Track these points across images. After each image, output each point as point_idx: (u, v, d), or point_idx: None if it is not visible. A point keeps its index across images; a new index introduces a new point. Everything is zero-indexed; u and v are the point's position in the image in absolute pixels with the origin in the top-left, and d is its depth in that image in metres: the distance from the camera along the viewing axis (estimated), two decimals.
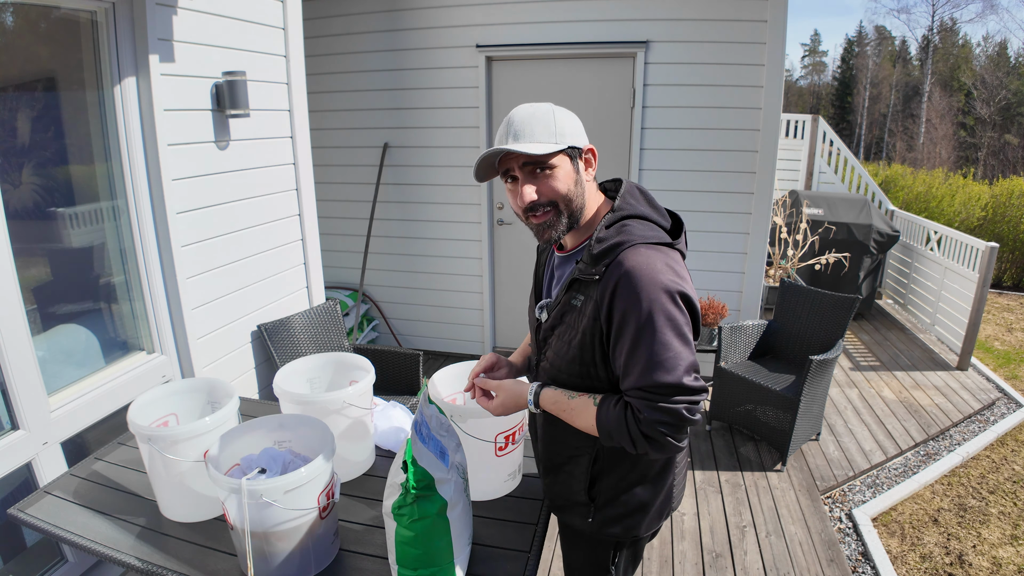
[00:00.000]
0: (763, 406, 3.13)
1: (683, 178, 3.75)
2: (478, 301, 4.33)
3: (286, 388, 1.58)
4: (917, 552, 2.64)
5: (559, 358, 1.21)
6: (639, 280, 1.05)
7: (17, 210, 1.76)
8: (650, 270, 1.06)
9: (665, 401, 1.05)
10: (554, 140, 1.11)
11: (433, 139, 4.09)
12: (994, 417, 3.78)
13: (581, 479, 1.27)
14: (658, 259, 1.08)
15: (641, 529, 1.29)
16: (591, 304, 1.12)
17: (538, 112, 1.13)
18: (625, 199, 1.17)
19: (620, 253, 1.09)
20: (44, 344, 1.85)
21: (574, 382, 1.20)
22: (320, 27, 4.05)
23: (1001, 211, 7.58)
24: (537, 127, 1.11)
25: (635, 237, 1.11)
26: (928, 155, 23.10)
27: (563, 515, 1.37)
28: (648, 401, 1.06)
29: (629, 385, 1.09)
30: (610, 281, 1.08)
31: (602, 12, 3.64)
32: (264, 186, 2.58)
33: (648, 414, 1.05)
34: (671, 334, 1.05)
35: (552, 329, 1.23)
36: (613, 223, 1.14)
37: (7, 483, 1.71)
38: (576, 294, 1.17)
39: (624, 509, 1.27)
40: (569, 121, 1.15)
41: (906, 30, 45.85)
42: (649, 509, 1.28)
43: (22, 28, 1.81)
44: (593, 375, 1.17)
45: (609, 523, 1.28)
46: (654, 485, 1.27)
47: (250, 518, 1.18)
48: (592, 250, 1.12)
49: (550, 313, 1.24)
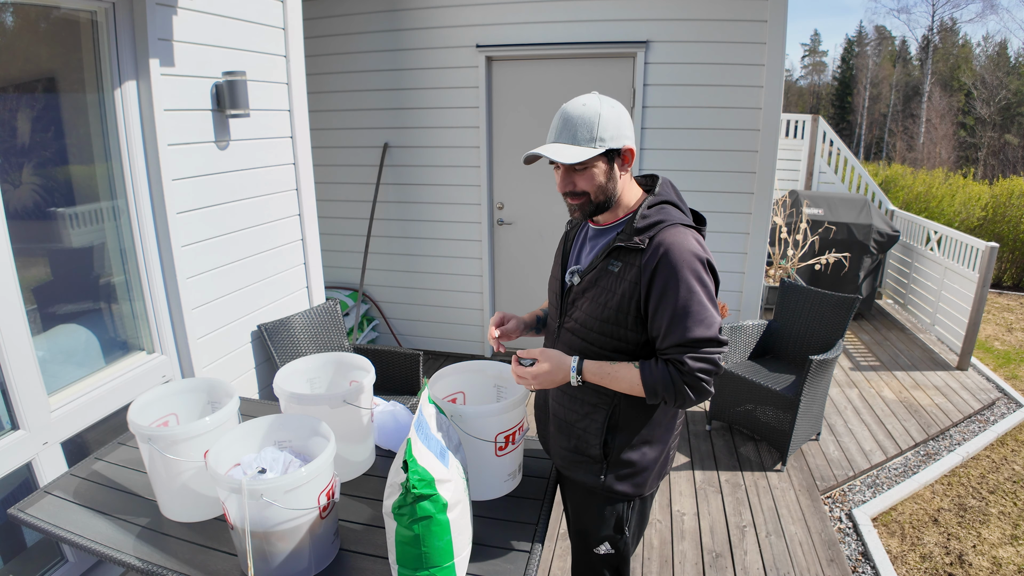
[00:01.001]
0: (763, 406, 3.13)
1: (683, 178, 3.75)
2: (478, 301, 4.33)
3: (286, 388, 1.58)
4: (917, 552, 2.64)
5: (590, 318, 1.34)
6: (681, 252, 1.23)
7: (17, 210, 1.76)
8: (689, 245, 1.25)
9: (705, 352, 1.24)
10: (592, 145, 1.24)
11: (433, 139, 4.09)
12: (994, 417, 3.78)
13: (596, 434, 1.39)
14: (692, 237, 1.28)
15: (646, 487, 1.44)
16: (632, 270, 1.27)
17: (586, 113, 1.25)
18: (664, 187, 1.36)
19: (663, 229, 1.27)
20: (44, 344, 1.85)
21: (601, 341, 1.34)
22: (320, 27, 4.05)
23: (1001, 211, 7.57)
24: (580, 129, 1.25)
25: (673, 218, 1.29)
26: (928, 155, 23.10)
27: (574, 472, 1.46)
28: (693, 353, 1.24)
29: (672, 343, 1.25)
30: (656, 253, 1.24)
31: (602, 12, 3.64)
32: (264, 186, 2.58)
33: (691, 365, 1.23)
34: (706, 298, 1.25)
35: (584, 292, 1.36)
36: (655, 204, 1.31)
37: (7, 483, 1.71)
38: (615, 261, 1.31)
39: (632, 468, 1.40)
40: (612, 123, 1.26)
41: (906, 30, 45.87)
42: (653, 468, 1.43)
43: (22, 28, 1.81)
44: (621, 336, 1.32)
45: (619, 480, 1.41)
46: (660, 443, 1.42)
47: (250, 518, 1.18)
48: (636, 224, 1.28)
49: (583, 277, 1.36)
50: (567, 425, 1.44)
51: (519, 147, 3.99)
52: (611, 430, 1.38)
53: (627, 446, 1.39)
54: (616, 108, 1.28)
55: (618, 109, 1.28)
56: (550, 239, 4.09)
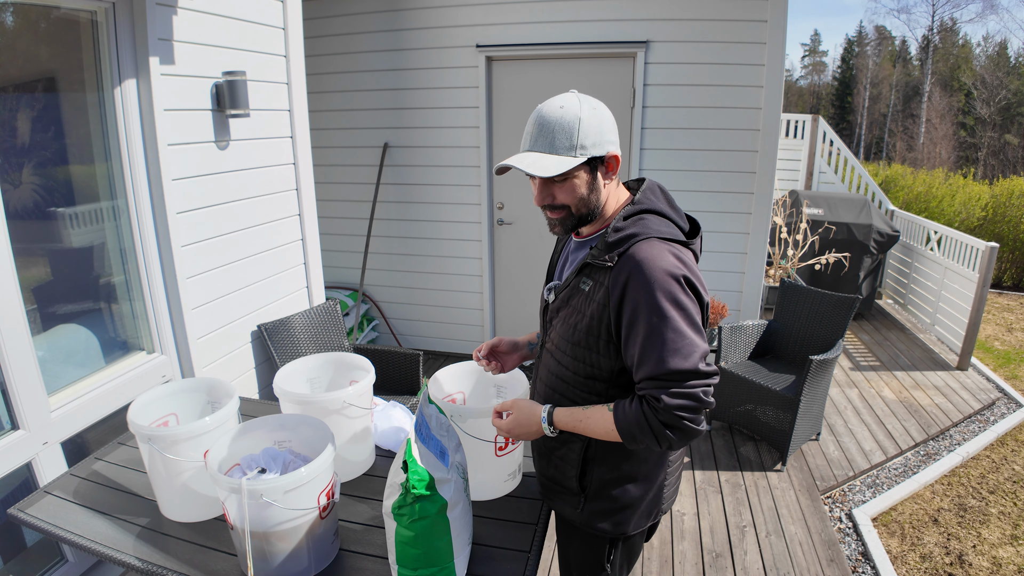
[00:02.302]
0: (763, 406, 3.13)
1: (683, 178, 3.75)
2: (478, 301, 4.33)
3: (286, 388, 1.58)
4: (917, 552, 2.64)
5: (563, 340, 1.24)
6: (651, 271, 1.07)
7: (17, 210, 1.76)
8: (661, 261, 1.09)
9: (681, 387, 1.07)
10: (573, 153, 1.11)
11: (433, 139, 4.09)
12: (994, 417, 3.78)
13: (573, 464, 1.28)
14: (669, 252, 1.11)
15: (629, 526, 1.30)
16: (601, 290, 1.14)
17: (564, 118, 1.11)
18: (645, 195, 1.20)
19: (634, 244, 1.12)
20: (44, 344, 1.85)
21: (574, 366, 1.23)
22: (320, 27, 4.05)
23: (1001, 211, 7.57)
24: (559, 136, 1.11)
25: (650, 231, 1.13)
26: (928, 155, 23.10)
27: (554, 503, 1.37)
28: (666, 389, 1.08)
29: (644, 375, 1.10)
30: (623, 271, 1.10)
31: (602, 12, 3.64)
32: (264, 186, 2.58)
33: (666, 401, 1.07)
34: (683, 323, 1.08)
35: (558, 311, 1.26)
36: (631, 215, 1.16)
37: (7, 483, 1.71)
38: (585, 279, 1.19)
39: (613, 504, 1.28)
40: (594, 128, 1.12)
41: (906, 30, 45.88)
42: (638, 506, 1.29)
43: (22, 28, 1.81)
44: (593, 361, 1.19)
45: (598, 516, 1.29)
46: (645, 483, 1.28)
47: (250, 518, 1.18)
48: (608, 238, 1.14)
49: (557, 295, 1.27)
50: (547, 451, 1.35)
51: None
52: (587, 462, 1.27)
53: (606, 481, 1.27)
54: (598, 110, 1.13)
55: (600, 111, 1.14)
56: (550, 239, 4.09)
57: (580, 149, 1.11)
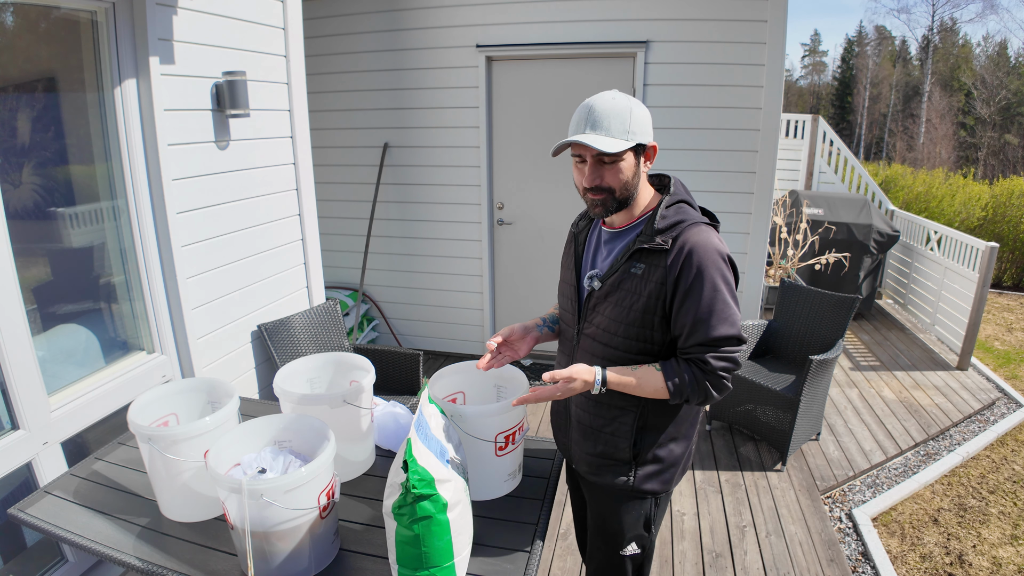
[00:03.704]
0: (763, 406, 3.13)
1: (683, 178, 3.64)
2: (478, 301, 4.33)
3: (286, 388, 1.58)
4: (917, 552, 2.64)
5: (614, 322, 1.33)
6: (707, 252, 1.24)
7: (17, 210, 1.76)
8: (712, 244, 1.25)
9: (726, 351, 1.25)
10: (626, 137, 1.24)
11: (433, 139, 4.09)
12: (994, 417, 3.78)
13: (626, 437, 1.39)
14: (714, 235, 1.29)
15: (673, 483, 1.45)
16: (658, 271, 1.27)
17: (617, 107, 1.24)
18: (678, 187, 1.36)
19: (685, 229, 1.27)
20: (44, 344, 1.85)
21: (626, 345, 1.33)
22: (320, 27, 4.05)
23: (1001, 211, 7.57)
24: (614, 121, 1.23)
25: (693, 217, 1.30)
26: (928, 155, 23.10)
27: (602, 477, 1.44)
28: (716, 352, 1.25)
29: (695, 341, 1.26)
30: (681, 252, 1.25)
31: (602, 12, 3.63)
32: (264, 186, 2.58)
33: (714, 364, 1.25)
34: (729, 296, 1.26)
35: (606, 296, 1.34)
36: (672, 204, 1.31)
37: (7, 483, 1.71)
38: (637, 263, 1.30)
39: (661, 464, 1.41)
40: (641, 118, 1.26)
41: (906, 30, 45.85)
42: (679, 463, 1.45)
43: (22, 28, 1.81)
44: (647, 337, 1.31)
45: (648, 478, 1.41)
46: (685, 440, 1.44)
47: (250, 518, 1.18)
48: (657, 224, 1.28)
49: (603, 281, 1.34)
50: (593, 431, 1.42)
51: (519, 147, 3.98)
52: (640, 431, 1.38)
53: (655, 445, 1.40)
54: (642, 106, 1.29)
55: (644, 107, 1.29)
56: (550, 239, 4.09)
57: (631, 134, 1.24)
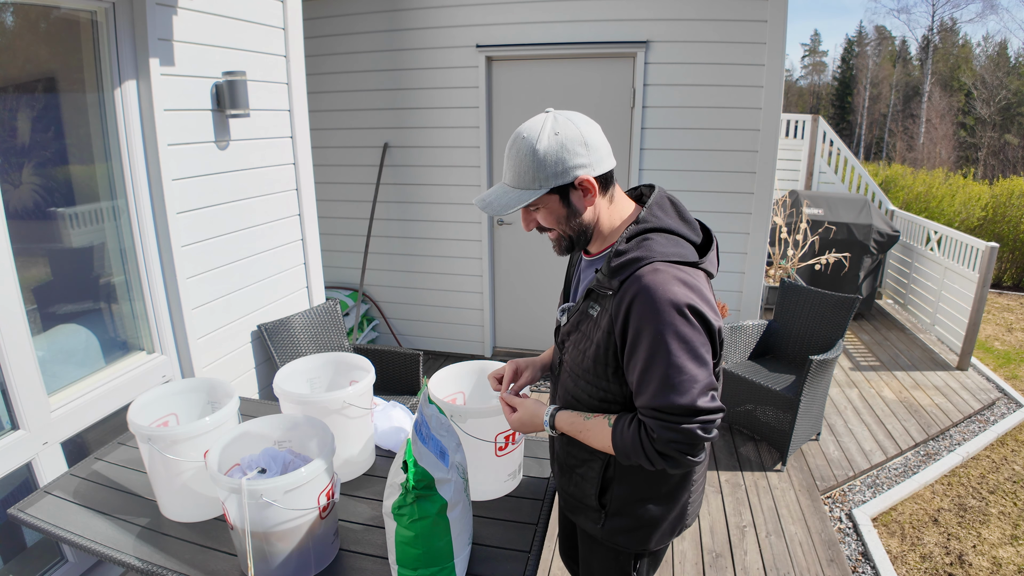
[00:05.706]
0: (763, 406, 3.13)
1: (683, 178, 3.75)
2: (478, 301, 4.33)
3: (286, 388, 1.58)
4: (917, 552, 2.64)
5: (575, 365, 1.22)
6: (654, 300, 1.03)
7: (17, 210, 1.76)
8: (665, 289, 1.03)
9: (678, 422, 1.04)
10: (535, 185, 1.10)
11: (433, 139, 4.09)
12: (994, 417, 3.78)
13: (593, 482, 1.26)
14: (675, 277, 1.05)
15: (651, 543, 1.28)
16: (606, 317, 1.11)
17: (522, 151, 1.09)
18: (652, 210, 1.14)
19: (637, 269, 1.07)
20: (44, 344, 1.85)
21: (589, 390, 1.20)
22: (320, 27, 4.05)
23: (1001, 211, 7.58)
24: (522, 168, 1.10)
25: (654, 254, 1.08)
26: (928, 155, 23.10)
27: (576, 518, 1.36)
28: (661, 422, 1.05)
29: (643, 404, 1.08)
30: (625, 297, 1.06)
31: (602, 12, 3.64)
32: (264, 186, 2.58)
33: (660, 434, 1.05)
34: (685, 356, 1.03)
35: (569, 334, 1.24)
36: (634, 236, 1.11)
37: (7, 483, 1.71)
38: (593, 304, 1.16)
39: (635, 522, 1.26)
40: (552, 157, 1.08)
41: (906, 30, 45.86)
42: (660, 524, 1.27)
43: (22, 28, 1.81)
44: (604, 387, 1.17)
45: (618, 532, 1.28)
46: (668, 501, 1.26)
47: (250, 518, 1.18)
48: (610, 263, 1.10)
49: (569, 318, 1.24)
50: (568, 468, 1.33)
51: None
52: (608, 481, 1.25)
53: (627, 500, 1.24)
54: (560, 135, 1.07)
55: (563, 136, 1.07)
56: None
57: (542, 180, 1.09)
